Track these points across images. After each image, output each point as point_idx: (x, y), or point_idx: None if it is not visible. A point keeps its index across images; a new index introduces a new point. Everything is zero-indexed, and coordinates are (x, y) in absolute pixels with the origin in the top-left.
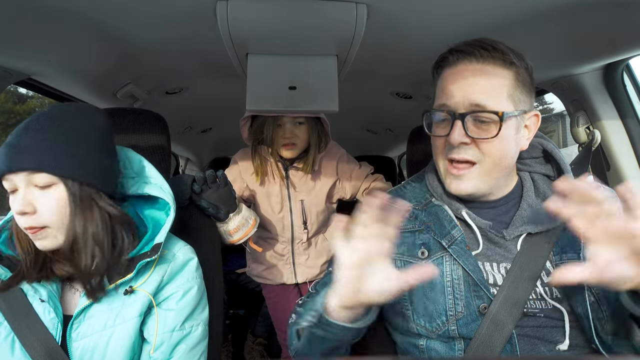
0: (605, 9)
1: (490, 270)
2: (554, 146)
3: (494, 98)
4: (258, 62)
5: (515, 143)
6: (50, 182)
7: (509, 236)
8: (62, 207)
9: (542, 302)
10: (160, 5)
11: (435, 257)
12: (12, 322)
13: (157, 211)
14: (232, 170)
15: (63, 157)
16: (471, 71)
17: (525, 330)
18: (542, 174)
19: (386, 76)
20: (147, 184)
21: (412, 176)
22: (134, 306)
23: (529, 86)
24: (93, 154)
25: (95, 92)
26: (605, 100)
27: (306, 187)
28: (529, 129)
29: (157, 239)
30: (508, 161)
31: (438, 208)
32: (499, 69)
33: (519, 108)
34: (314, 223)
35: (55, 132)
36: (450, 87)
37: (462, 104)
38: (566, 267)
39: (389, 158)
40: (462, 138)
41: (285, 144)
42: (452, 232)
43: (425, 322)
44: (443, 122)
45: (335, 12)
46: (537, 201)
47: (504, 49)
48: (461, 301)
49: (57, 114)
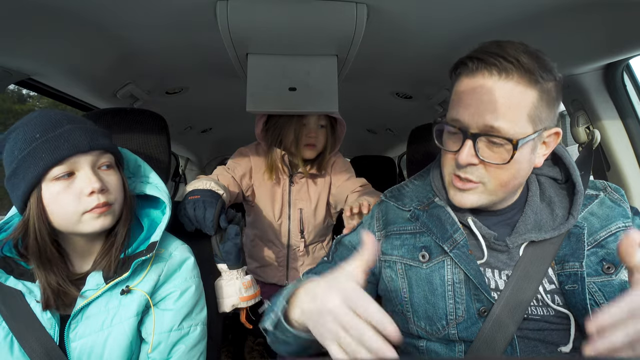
0: (605, 9)
1: (491, 276)
2: (563, 149)
3: (510, 122)
4: (258, 63)
5: (529, 164)
6: (109, 163)
7: (512, 244)
8: (121, 186)
9: (544, 309)
10: (160, 5)
11: (436, 260)
12: (10, 322)
13: (153, 210)
14: (242, 163)
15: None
16: (489, 87)
17: (525, 332)
18: (549, 177)
19: (386, 76)
20: (143, 184)
21: (414, 174)
22: (131, 306)
23: (553, 102)
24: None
25: (95, 92)
26: (605, 100)
27: (307, 196)
28: (547, 145)
29: (153, 237)
30: (517, 182)
31: (440, 210)
32: (521, 88)
33: (540, 127)
34: (311, 232)
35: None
36: (465, 101)
37: (475, 123)
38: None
39: (389, 158)
40: (470, 159)
41: (308, 144)
42: (455, 235)
43: (426, 325)
44: (454, 135)
45: (335, 12)
46: (542, 206)
47: (529, 64)
48: (462, 305)
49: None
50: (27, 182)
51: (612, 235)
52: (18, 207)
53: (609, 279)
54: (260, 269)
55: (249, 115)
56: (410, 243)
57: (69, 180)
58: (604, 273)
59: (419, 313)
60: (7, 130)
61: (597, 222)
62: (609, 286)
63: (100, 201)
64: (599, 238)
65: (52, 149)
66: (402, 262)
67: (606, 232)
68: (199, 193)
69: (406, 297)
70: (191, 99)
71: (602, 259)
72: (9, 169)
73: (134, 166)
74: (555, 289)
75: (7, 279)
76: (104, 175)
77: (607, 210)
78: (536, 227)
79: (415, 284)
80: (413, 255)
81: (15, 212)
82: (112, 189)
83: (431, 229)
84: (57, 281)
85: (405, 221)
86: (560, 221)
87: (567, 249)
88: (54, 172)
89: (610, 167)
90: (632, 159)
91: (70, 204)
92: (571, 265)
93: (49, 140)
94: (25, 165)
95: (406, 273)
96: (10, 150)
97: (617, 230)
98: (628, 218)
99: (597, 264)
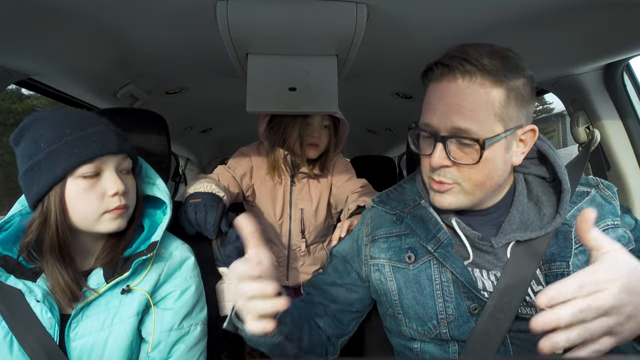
0: (605, 9)
1: (480, 276)
2: (549, 147)
3: (477, 122)
4: (258, 63)
5: (504, 162)
6: (130, 167)
7: (497, 244)
8: (135, 189)
9: (534, 309)
10: (160, 5)
11: (422, 261)
12: (10, 321)
13: (154, 210)
14: (243, 163)
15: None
16: (454, 90)
17: (517, 333)
18: (536, 176)
19: (386, 76)
20: (145, 184)
21: (405, 177)
22: (131, 305)
23: (525, 99)
24: None
25: (95, 92)
26: (605, 100)
27: (308, 196)
28: (524, 142)
29: (154, 237)
30: (494, 181)
31: (423, 210)
32: (486, 88)
33: (511, 126)
34: (312, 232)
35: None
36: (433, 106)
37: (444, 126)
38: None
39: (389, 158)
40: (442, 161)
41: (312, 143)
42: (438, 235)
43: (417, 326)
44: (427, 139)
45: (335, 12)
46: (530, 205)
47: (492, 65)
48: (451, 304)
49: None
50: (53, 176)
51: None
52: (34, 199)
53: None
54: None
55: (249, 115)
56: (397, 245)
57: (94, 180)
58: None
59: (410, 314)
60: (23, 122)
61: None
62: None
63: (121, 203)
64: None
65: (85, 147)
66: (390, 264)
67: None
68: (200, 196)
69: (396, 299)
70: (191, 99)
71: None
72: (31, 160)
73: (137, 167)
74: (543, 289)
75: (8, 277)
76: (123, 178)
77: (598, 208)
78: (522, 227)
79: (404, 286)
80: (399, 257)
81: (16, 211)
82: (130, 192)
83: (415, 230)
84: (69, 277)
85: (391, 224)
86: (547, 220)
87: (554, 248)
88: (82, 170)
89: (610, 167)
90: (632, 159)
91: (93, 202)
92: (558, 266)
93: (81, 137)
94: (53, 158)
95: (394, 275)
96: (34, 142)
97: (606, 228)
98: (617, 216)
99: (585, 262)
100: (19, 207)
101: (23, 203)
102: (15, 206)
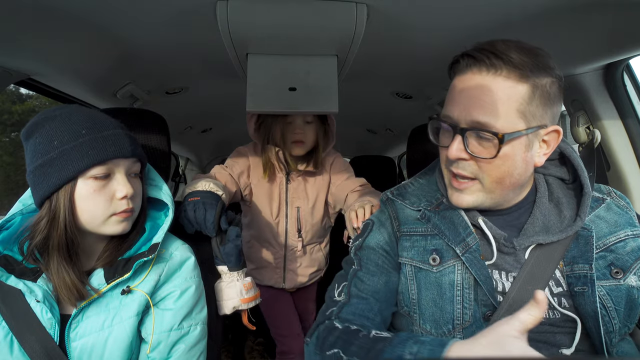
0: (605, 9)
1: (499, 278)
2: (572, 150)
3: (497, 116)
4: (258, 63)
5: (525, 161)
6: (139, 171)
7: (519, 246)
8: (141, 194)
9: (550, 311)
10: (160, 5)
11: (446, 264)
12: (10, 321)
13: (155, 212)
14: (240, 162)
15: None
16: (478, 83)
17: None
18: (557, 177)
19: (386, 76)
20: (147, 186)
21: (418, 173)
22: (131, 306)
23: (551, 99)
24: None
25: (95, 92)
26: (605, 100)
27: (304, 194)
28: (547, 144)
29: (155, 239)
30: (513, 179)
31: (453, 212)
32: (511, 82)
33: (533, 124)
34: (308, 232)
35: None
36: (456, 97)
37: (464, 118)
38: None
39: (389, 158)
40: (460, 154)
41: (296, 141)
42: (467, 239)
43: (431, 328)
44: (447, 131)
45: (335, 12)
46: (550, 207)
47: (519, 59)
48: (469, 310)
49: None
50: (65, 174)
51: (621, 242)
52: (42, 196)
53: (618, 283)
54: (256, 271)
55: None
56: (421, 245)
57: (104, 182)
58: (612, 277)
59: (426, 316)
60: (36, 117)
61: (605, 227)
62: (616, 290)
63: (129, 206)
64: (608, 243)
65: (100, 148)
66: (412, 264)
67: (615, 237)
68: (199, 194)
69: (414, 299)
70: (191, 99)
71: (610, 263)
72: (43, 157)
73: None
74: (563, 291)
75: (8, 278)
76: (132, 181)
77: (615, 217)
78: (544, 230)
79: (424, 287)
80: (423, 258)
81: (16, 210)
82: (137, 196)
83: (443, 232)
84: (76, 276)
85: (415, 221)
86: (567, 223)
87: (575, 251)
88: (94, 171)
89: (610, 167)
90: (632, 159)
91: (102, 204)
92: (581, 267)
93: (97, 139)
94: (66, 157)
95: (415, 276)
96: (47, 139)
97: (625, 237)
98: (635, 226)
99: (606, 267)
100: (20, 206)
101: (24, 202)
102: (16, 205)
